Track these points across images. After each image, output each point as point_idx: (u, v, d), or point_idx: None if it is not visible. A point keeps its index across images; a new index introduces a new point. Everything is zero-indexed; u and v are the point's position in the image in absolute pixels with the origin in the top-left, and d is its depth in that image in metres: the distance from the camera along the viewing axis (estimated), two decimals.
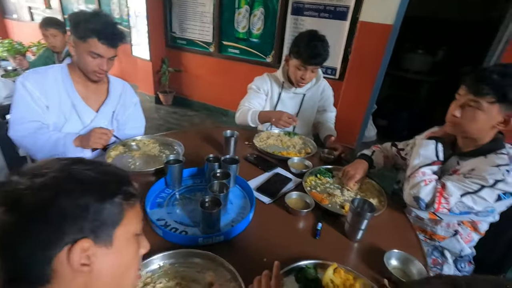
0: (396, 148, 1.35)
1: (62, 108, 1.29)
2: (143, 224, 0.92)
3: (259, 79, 1.76)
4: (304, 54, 1.47)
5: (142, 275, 0.74)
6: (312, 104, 1.79)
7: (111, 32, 1.20)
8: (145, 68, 4.31)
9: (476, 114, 0.92)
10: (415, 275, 0.82)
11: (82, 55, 1.21)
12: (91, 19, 1.17)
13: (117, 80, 1.49)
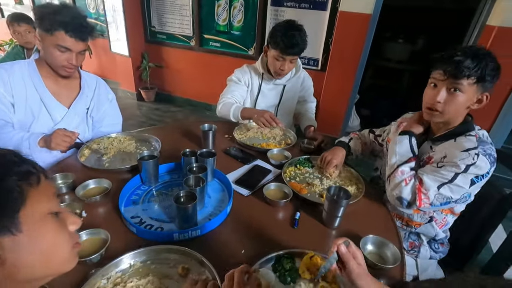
0: (373, 134, 1.36)
1: (30, 105, 1.23)
2: (118, 222, 0.90)
3: (239, 71, 1.74)
4: (281, 44, 1.45)
5: (112, 276, 0.72)
6: (293, 95, 1.79)
7: (79, 24, 1.14)
8: (124, 64, 4.18)
9: (457, 97, 0.93)
10: (390, 258, 0.84)
11: (49, 49, 1.15)
12: (58, 11, 1.11)
13: (90, 76, 1.44)
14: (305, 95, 1.82)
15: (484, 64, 0.88)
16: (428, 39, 4.28)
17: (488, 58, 0.89)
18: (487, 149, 0.94)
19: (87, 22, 1.18)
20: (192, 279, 0.66)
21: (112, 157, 1.25)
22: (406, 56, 4.29)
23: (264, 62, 1.66)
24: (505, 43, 2.32)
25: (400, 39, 4.35)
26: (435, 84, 0.97)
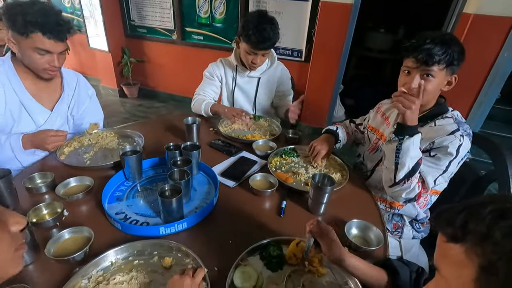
0: (354, 124, 1.39)
1: (9, 108, 1.16)
2: (102, 219, 0.88)
3: (212, 65, 1.72)
4: (253, 38, 1.41)
5: (93, 275, 0.71)
6: (270, 87, 1.75)
7: (54, 22, 1.06)
8: (104, 60, 4.06)
9: (430, 83, 0.96)
10: (374, 241, 0.86)
11: (26, 52, 1.08)
12: (29, 10, 1.03)
13: (70, 73, 1.38)
14: (284, 90, 1.78)
15: (451, 49, 0.92)
16: (408, 29, 4.36)
17: (454, 43, 0.94)
18: (466, 129, 0.99)
19: (62, 19, 1.11)
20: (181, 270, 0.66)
21: (94, 154, 1.22)
22: (387, 46, 4.36)
23: (237, 55, 1.63)
24: (481, 30, 2.39)
25: (382, 28, 4.41)
26: (408, 71, 1.00)
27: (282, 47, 3.25)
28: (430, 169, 1.00)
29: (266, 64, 1.68)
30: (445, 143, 0.96)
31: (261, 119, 1.65)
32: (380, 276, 0.69)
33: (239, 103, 1.78)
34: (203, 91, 1.69)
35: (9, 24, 1.05)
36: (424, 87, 0.93)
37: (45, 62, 1.11)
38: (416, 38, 0.96)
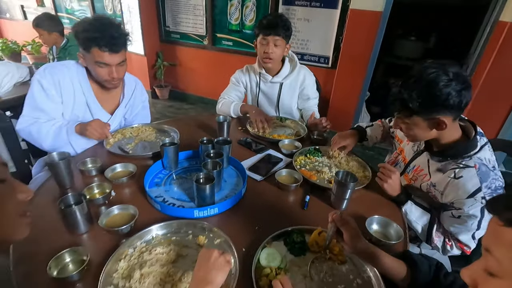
0: (389, 124, 1.40)
1: (76, 107, 1.31)
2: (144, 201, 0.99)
3: (238, 72, 1.83)
4: (260, 25, 1.55)
5: (137, 246, 0.81)
6: (292, 92, 1.79)
7: (109, 36, 1.15)
8: (140, 63, 4.33)
9: (410, 128, 0.99)
10: (393, 236, 0.90)
11: (90, 66, 1.23)
12: (89, 27, 1.15)
13: (130, 79, 1.50)
14: (308, 93, 1.80)
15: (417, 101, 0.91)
16: (440, 36, 4.26)
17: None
18: (492, 183, 0.90)
19: (119, 31, 1.19)
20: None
21: (135, 146, 1.35)
22: (417, 54, 4.27)
23: (258, 59, 1.72)
24: None
25: (412, 36, 4.34)
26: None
27: (309, 53, 3.31)
28: (459, 229, 0.96)
29: (288, 69, 1.74)
30: (465, 208, 0.91)
31: (287, 121, 1.72)
32: (399, 268, 0.73)
33: (263, 107, 1.86)
34: (228, 95, 1.80)
35: (77, 41, 1.20)
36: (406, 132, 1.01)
37: (106, 74, 1.23)
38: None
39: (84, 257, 0.75)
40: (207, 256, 0.67)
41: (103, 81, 1.27)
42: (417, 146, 1.16)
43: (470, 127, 1.00)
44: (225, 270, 0.66)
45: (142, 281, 0.70)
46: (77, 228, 0.84)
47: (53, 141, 1.24)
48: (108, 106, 1.40)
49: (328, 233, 0.79)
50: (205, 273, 0.64)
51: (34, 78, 1.24)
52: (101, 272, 0.71)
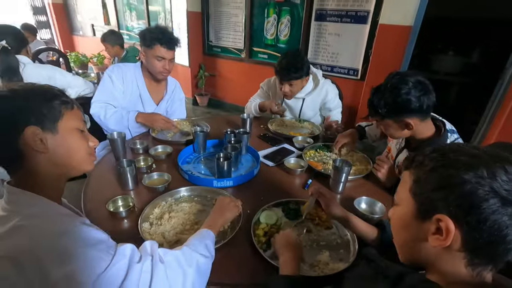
0: None
1: (132, 97, 1.68)
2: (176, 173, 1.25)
3: (267, 81, 2.09)
4: (276, 70, 1.75)
5: (168, 200, 1.06)
6: (313, 107, 1.95)
7: (169, 37, 1.54)
8: (185, 73, 4.84)
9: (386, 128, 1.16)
10: (378, 212, 1.04)
11: (150, 60, 1.57)
12: (155, 30, 1.54)
13: (171, 79, 1.86)
14: (330, 106, 1.93)
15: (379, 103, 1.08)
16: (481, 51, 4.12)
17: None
18: None
19: (173, 35, 1.59)
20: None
21: (173, 134, 1.65)
22: (456, 68, 4.17)
23: None
24: None
25: (450, 50, 4.26)
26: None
27: (339, 66, 3.47)
28: None
29: (311, 87, 1.88)
30: None
31: (305, 122, 1.91)
32: (372, 231, 0.88)
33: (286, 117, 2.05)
34: (255, 99, 2.08)
35: (141, 41, 1.56)
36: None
37: (161, 66, 1.58)
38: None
39: (130, 203, 1.02)
40: (223, 201, 0.96)
41: (157, 72, 1.60)
42: (399, 144, 1.29)
43: (441, 126, 1.13)
44: (234, 211, 0.94)
45: (170, 220, 0.95)
46: (127, 184, 1.12)
47: (115, 125, 1.58)
48: (155, 98, 1.75)
49: (308, 203, 0.97)
50: (221, 211, 0.91)
51: (105, 73, 1.63)
52: (141, 213, 0.97)
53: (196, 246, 0.75)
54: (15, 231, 0.55)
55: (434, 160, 0.49)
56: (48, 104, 0.64)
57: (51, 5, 6.52)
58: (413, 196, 0.51)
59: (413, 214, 0.51)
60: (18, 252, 0.52)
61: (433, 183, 0.47)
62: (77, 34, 6.89)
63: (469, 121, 3.00)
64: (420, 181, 0.50)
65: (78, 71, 3.90)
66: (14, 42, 1.80)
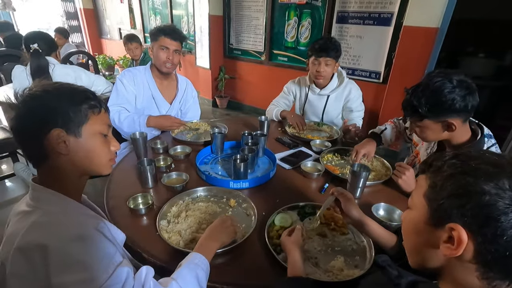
0: (404, 125, 1.48)
1: (145, 99, 1.74)
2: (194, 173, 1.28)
3: (290, 82, 2.08)
4: (313, 48, 1.76)
5: (185, 200, 1.09)
6: (337, 105, 1.94)
7: (172, 29, 1.63)
8: (205, 76, 4.93)
9: (422, 131, 1.10)
10: (396, 220, 1.01)
11: (155, 52, 1.64)
12: (161, 25, 1.64)
13: (182, 78, 1.92)
14: (352, 106, 1.92)
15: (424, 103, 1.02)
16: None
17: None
18: None
19: (178, 29, 1.66)
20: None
21: (192, 135, 1.69)
22: (487, 72, 3.96)
23: (309, 74, 1.93)
24: None
25: (481, 53, 4.06)
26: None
27: (360, 69, 3.40)
28: None
29: (336, 84, 1.89)
30: None
31: (324, 126, 1.89)
32: (390, 237, 0.85)
33: (308, 116, 2.06)
34: (277, 102, 2.07)
35: (151, 37, 1.64)
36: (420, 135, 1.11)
37: (164, 56, 1.63)
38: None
39: (150, 201, 1.06)
40: (223, 222, 0.87)
41: (161, 63, 1.65)
42: (430, 148, 1.23)
43: (478, 130, 1.06)
44: (231, 236, 0.87)
45: (186, 219, 0.97)
46: (147, 182, 1.16)
47: (128, 128, 1.63)
48: (167, 98, 1.80)
49: (326, 201, 0.95)
50: (216, 233, 0.84)
51: (117, 78, 1.70)
52: (159, 211, 1.00)
53: (186, 281, 0.69)
54: (34, 227, 0.58)
55: (453, 166, 0.47)
56: (76, 107, 0.66)
57: (83, 11, 6.88)
58: (427, 201, 0.50)
59: (426, 220, 0.50)
60: (32, 245, 0.55)
61: (450, 190, 0.45)
62: (105, 37, 7.23)
63: (500, 127, 2.84)
64: (436, 186, 0.48)
65: (105, 73, 4.08)
66: (45, 45, 1.97)
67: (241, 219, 1.00)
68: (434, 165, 0.51)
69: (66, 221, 0.61)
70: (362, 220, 0.87)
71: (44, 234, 0.56)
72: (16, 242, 0.56)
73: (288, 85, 2.08)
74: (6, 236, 0.62)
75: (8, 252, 0.57)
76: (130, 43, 3.30)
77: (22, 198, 0.69)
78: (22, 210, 0.64)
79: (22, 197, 0.71)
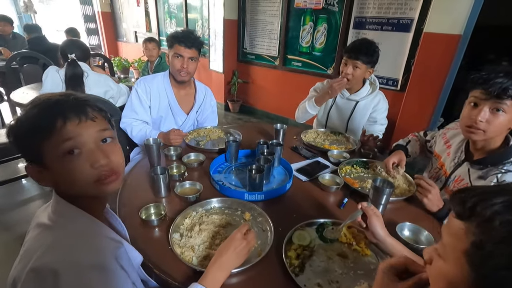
0: (425, 138, 1.41)
1: (161, 108, 1.71)
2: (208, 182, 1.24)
3: (319, 83, 2.01)
4: (347, 48, 1.72)
5: (199, 211, 1.05)
6: (364, 113, 1.86)
7: (187, 36, 1.57)
8: (218, 80, 4.93)
9: (500, 117, 0.94)
10: (424, 243, 0.94)
11: (171, 59, 1.62)
12: (177, 32, 1.60)
13: (201, 86, 1.87)
14: (376, 117, 1.85)
15: None
16: None
17: None
18: None
19: (194, 34, 1.60)
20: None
21: (206, 142, 1.66)
22: None
23: None
24: None
25: (505, 61, 3.90)
26: (475, 103, 0.99)
27: (377, 75, 3.28)
28: None
29: (367, 91, 1.83)
30: None
31: (340, 135, 1.82)
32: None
33: (332, 121, 1.97)
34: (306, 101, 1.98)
35: (168, 44, 1.61)
36: (492, 121, 0.95)
37: (179, 63, 1.59)
38: (488, 70, 0.94)
39: (162, 212, 1.02)
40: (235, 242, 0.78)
41: (176, 71, 1.62)
42: (457, 158, 1.16)
43: (508, 135, 1.01)
44: (243, 257, 0.79)
45: (200, 233, 0.93)
46: (159, 191, 1.13)
47: (140, 142, 1.62)
48: (184, 107, 1.76)
49: (352, 215, 0.88)
50: (227, 259, 0.75)
51: (133, 88, 1.68)
52: (172, 223, 0.96)
53: None
54: (51, 249, 0.55)
55: (508, 224, 0.38)
56: (26, 142, 0.59)
57: (100, 14, 7.03)
58: (469, 263, 0.41)
59: (467, 285, 0.41)
60: (46, 269, 0.52)
61: (506, 262, 0.37)
62: (121, 40, 7.35)
63: None
64: (483, 249, 0.39)
65: (120, 76, 4.12)
66: (81, 54, 2.02)
67: (256, 234, 0.95)
68: (478, 212, 0.41)
69: (85, 246, 0.57)
70: (387, 240, 0.81)
71: (59, 258, 0.53)
72: (31, 262, 0.53)
73: (316, 86, 2.00)
74: (23, 250, 0.59)
75: (22, 270, 0.54)
76: (149, 42, 3.34)
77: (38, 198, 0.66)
78: (43, 223, 0.61)
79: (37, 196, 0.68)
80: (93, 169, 0.60)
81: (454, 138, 1.24)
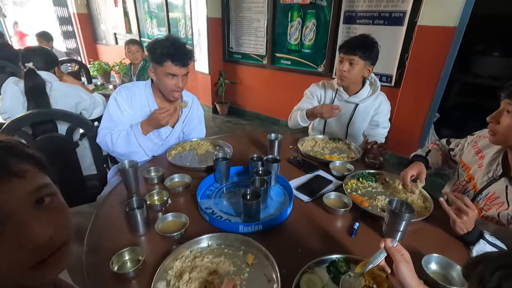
0: (448, 146, 1.27)
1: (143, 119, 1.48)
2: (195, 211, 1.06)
3: (314, 86, 1.83)
4: (341, 45, 1.57)
5: (193, 250, 0.86)
6: (365, 116, 1.72)
7: (182, 53, 1.36)
8: (204, 81, 4.71)
9: None
10: (457, 281, 0.78)
11: (161, 78, 1.40)
12: (164, 45, 1.35)
13: (188, 95, 1.67)
14: (379, 120, 1.73)
15: None
16: None
17: None
18: None
19: (187, 49, 1.40)
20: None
21: (192, 158, 1.47)
22: (502, 71, 3.74)
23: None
24: None
25: (496, 52, 3.85)
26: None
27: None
28: None
29: (368, 92, 1.69)
30: None
31: (340, 142, 1.67)
32: None
33: (331, 126, 1.82)
34: (300, 107, 1.80)
35: (151, 57, 1.38)
36: None
37: (173, 84, 1.39)
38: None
39: (140, 257, 0.83)
40: None
41: (169, 91, 1.42)
42: (492, 171, 1.01)
43: None
44: None
45: (189, 284, 0.75)
46: (136, 230, 0.94)
47: (126, 147, 1.40)
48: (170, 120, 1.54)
49: (374, 257, 0.72)
50: None
51: (111, 96, 1.46)
52: (155, 271, 0.77)
53: None
54: None
55: None
56: None
57: (76, 15, 6.66)
58: None
59: None
60: None
61: None
62: (100, 43, 7.01)
63: None
64: None
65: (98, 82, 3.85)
66: (42, 62, 1.78)
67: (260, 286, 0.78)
68: None
69: None
70: (410, 282, 0.65)
71: None
72: None
73: (311, 89, 1.83)
74: None
75: None
76: (131, 44, 3.09)
77: None
78: None
79: None
80: (25, 252, 0.39)
81: (487, 148, 1.09)
